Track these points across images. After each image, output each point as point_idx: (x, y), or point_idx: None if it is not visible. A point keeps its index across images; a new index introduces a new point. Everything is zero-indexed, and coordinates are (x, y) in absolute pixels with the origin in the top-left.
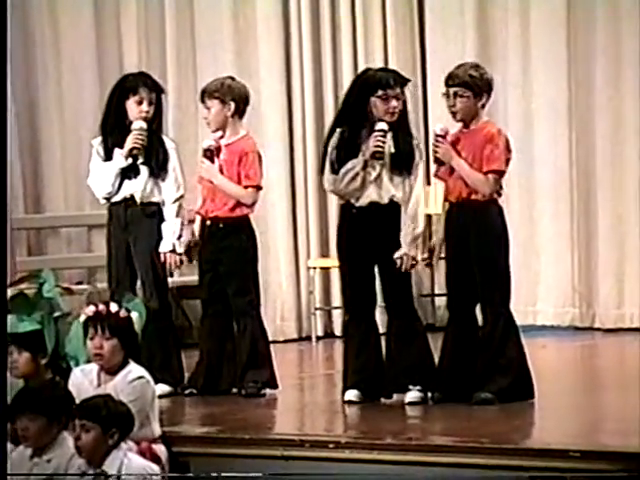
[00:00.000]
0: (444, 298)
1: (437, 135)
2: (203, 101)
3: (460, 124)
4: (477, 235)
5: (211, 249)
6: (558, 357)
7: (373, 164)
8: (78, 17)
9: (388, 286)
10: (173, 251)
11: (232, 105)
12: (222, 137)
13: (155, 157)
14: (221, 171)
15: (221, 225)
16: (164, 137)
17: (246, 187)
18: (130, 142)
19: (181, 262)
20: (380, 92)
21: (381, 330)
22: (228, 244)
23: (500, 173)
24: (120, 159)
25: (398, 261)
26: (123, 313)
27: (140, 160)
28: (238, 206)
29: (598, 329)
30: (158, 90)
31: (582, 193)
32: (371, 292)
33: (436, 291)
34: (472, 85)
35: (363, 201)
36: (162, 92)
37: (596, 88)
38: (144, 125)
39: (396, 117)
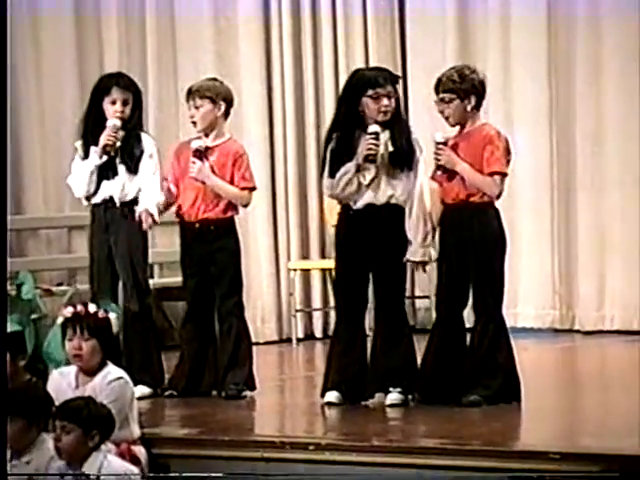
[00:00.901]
0: (425, 300)
1: (438, 143)
2: (191, 100)
3: (457, 128)
4: (474, 237)
5: (201, 252)
6: (538, 359)
7: (367, 167)
8: (59, 19)
9: (381, 288)
10: (151, 215)
11: (222, 106)
12: (207, 138)
13: (131, 155)
14: (212, 172)
15: (212, 227)
16: (143, 135)
17: (243, 188)
18: (103, 139)
19: (154, 223)
20: (370, 91)
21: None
22: (220, 246)
23: (502, 174)
24: (95, 157)
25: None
26: (102, 314)
27: (118, 159)
28: (229, 207)
29: (578, 331)
30: (133, 89)
31: (562, 195)
32: (363, 295)
33: (416, 293)
34: (456, 90)
35: (360, 203)
36: (139, 92)
37: (576, 89)
38: (117, 123)
39: (389, 116)
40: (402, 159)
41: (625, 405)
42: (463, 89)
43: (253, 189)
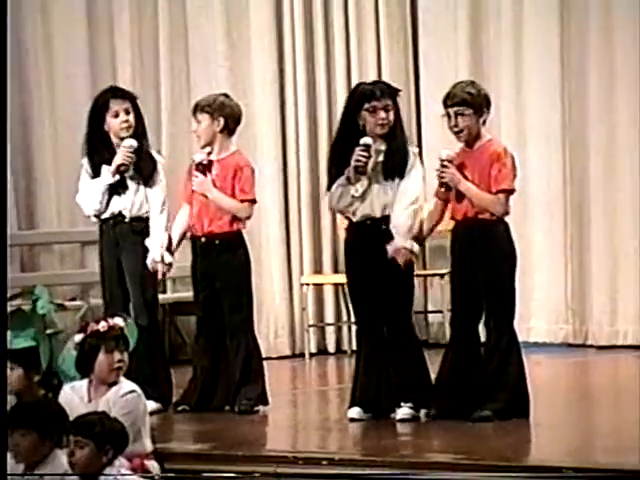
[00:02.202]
0: (437, 315)
1: (443, 160)
2: (195, 115)
3: (462, 144)
4: (484, 254)
5: (206, 266)
6: (551, 374)
7: (358, 179)
8: (71, 32)
9: (387, 302)
10: (162, 261)
11: (221, 121)
12: (211, 152)
13: (142, 170)
14: (214, 185)
15: (217, 241)
16: (151, 151)
17: (242, 201)
18: (119, 159)
19: (169, 269)
20: (367, 105)
21: None
22: (224, 260)
23: (510, 192)
24: (107, 175)
25: (395, 256)
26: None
27: (127, 175)
28: (234, 221)
29: (591, 346)
30: (131, 98)
31: (575, 209)
32: (377, 308)
33: (429, 308)
34: (472, 102)
35: (358, 216)
36: (135, 99)
37: (589, 104)
38: (134, 143)
39: (387, 129)
40: (395, 168)
41: (638, 420)
42: (478, 102)
43: (253, 201)
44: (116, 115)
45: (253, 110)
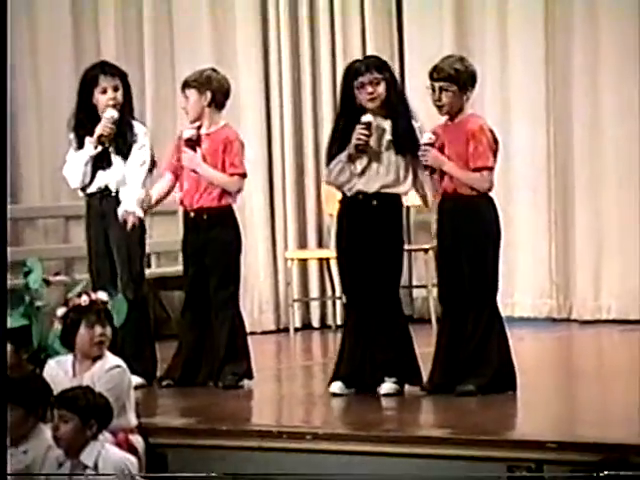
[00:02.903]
0: (422, 290)
1: (425, 144)
2: (183, 91)
3: (445, 117)
4: (466, 228)
5: (196, 241)
6: (535, 349)
7: (359, 157)
8: (55, 9)
9: (374, 278)
10: (133, 213)
11: (208, 95)
12: (200, 127)
13: (125, 143)
14: (204, 160)
15: (205, 216)
16: (135, 123)
17: (232, 175)
18: (99, 129)
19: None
20: (355, 81)
21: None
22: (214, 236)
23: (488, 168)
24: (90, 147)
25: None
26: (110, 304)
27: (111, 149)
28: (223, 195)
29: (575, 321)
30: (120, 75)
31: (559, 185)
32: (365, 283)
33: (413, 282)
34: (457, 79)
35: (352, 191)
36: (125, 76)
37: (574, 80)
38: (115, 114)
39: (378, 103)
40: (403, 147)
41: (622, 394)
42: (464, 79)
43: (243, 175)
44: (104, 91)
45: (238, 85)
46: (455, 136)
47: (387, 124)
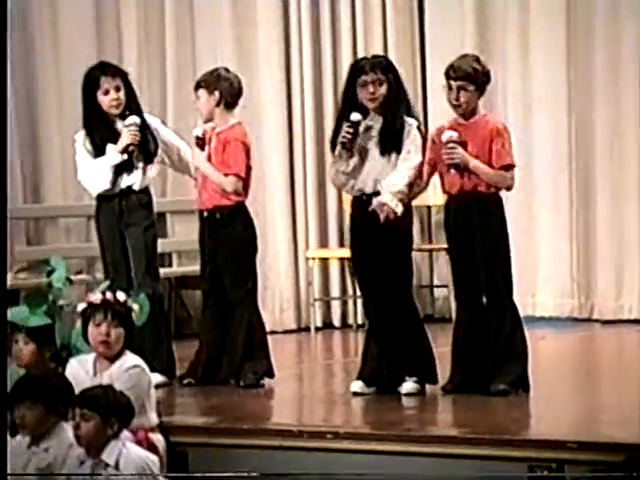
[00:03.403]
0: (443, 289)
1: (450, 141)
2: (195, 91)
3: (458, 116)
4: (480, 226)
5: (210, 239)
6: (557, 348)
7: (345, 155)
8: (78, 9)
9: (386, 278)
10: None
11: (216, 95)
12: (215, 127)
13: (147, 145)
14: (210, 159)
15: (218, 215)
16: (146, 116)
17: (226, 175)
18: (126, 138)
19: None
20: (358, 80)
21: None
22: (226, 233)
23: (513, 167)
24: (113, 156)
25: (377, 209)
26: (129, 303)
27: (134, 153)
28: (229, 194)
29: (597, 320)
30: (120, 75)
31: (581, 184)
32: (379, 283)
33: (435, 282)
34: (476, 78)
35: (354, 191)
36: (126, 75)
37: (596, 78)
38: (137, 120)
39: (378, 103)
40: (391, 143)
41: None
42: (481, 79)
43: (237, 175)
44: (106, 92)
45: (259, 83)
46: (475, 134)
47: (377, 122)
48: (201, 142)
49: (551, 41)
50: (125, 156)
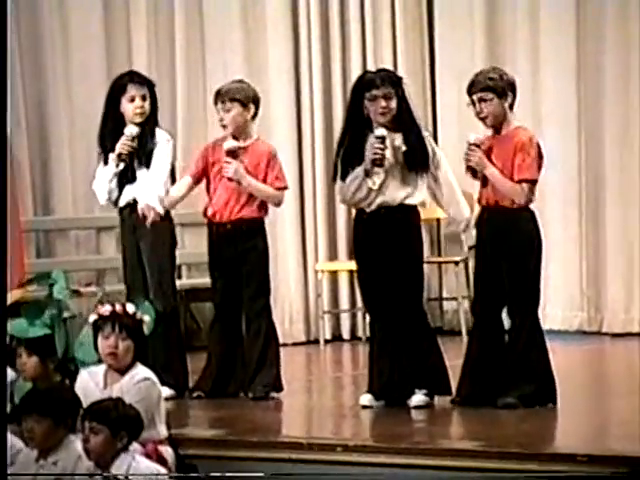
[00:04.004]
0: (452, 302)
1: (471, 144)
2: (221, 102)
3: (491, 130)
4: (509, 241)
5: (231, 252)
6: (566, 362)
7: (376, 172)
8: (88, 19)
9: (399, 290)
10: (154, 209)
11: (252, 108)
12: (237, 140)
13: (147, 156)
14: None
15: (244, 227)
16: (157, 130)
17: (278, 188)
18: (118, 147)
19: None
20: (367, 94)
21: None
22: (251, 245)
23: (533, 182)
24: (111, 164)
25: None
26: (139, 315)
27: (136, 163)
28: (262, 208)
29: (606, 334)
30: (149, 85)
31: (591, 197)
32: (388, 296)
33: (444, 295)
34: (494, 87)
35: (373, 206)
36: (153, 86)
37: (605, 92)
38: (134, 131)
39: (389, 117)
40: (415, 160)
41: None
42: (501, 87)
43: (286, 188)
44: (132, 100)
45: (268, 97)
46: (503, 146)
47: (399, 138)
48: (233, 155)
49: (561, 56)
50: (121, 165)
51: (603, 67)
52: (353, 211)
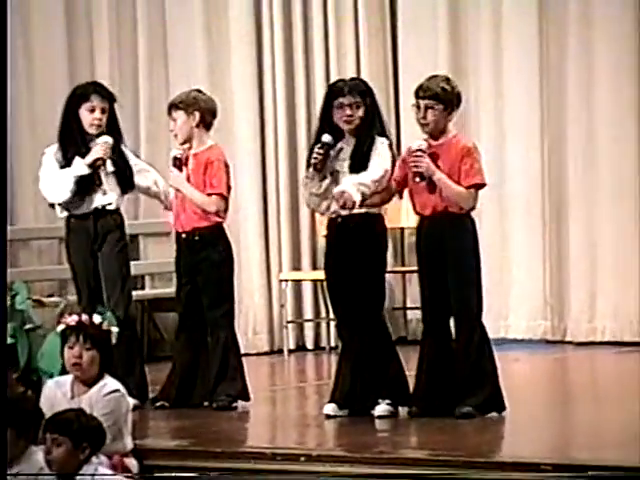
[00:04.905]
0: (416, 311)
1: (417, 150)
2: (170, 113)
3: (426, 136)
4: (451, 248)
5: (188, 261)
6: (530, 370)
7: (315, 176)
8: (50, 30)
9: (358, 299)
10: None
11: (197, 116)
12: (190, 148)
13: (121, 169)
14: (188, 180)
15: (197, 237)
16: (125, 150)
17: (209, 195)
18: (95, 152)
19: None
20: (335, 101)
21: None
22: (205, 255)
23: (482, 186)
24: (79, 167)
25: (337, 197)
26: (105, 325)
27: (104, 171)
28: (209, 215)
29: (570, 342)
30: (111, 99)
31: (554, 206)
32: (353, 305)
33: (408, 304)
34: (444, 98)
35: (328, 213)
36: (114, 101)
37: (568, 100)
38: (110, 140)
39: (354, 125)
40: (360, 164)
41: (616, 416)
42: (450, 99)
43: (221, 195)
44: (92, 110)
45: (232, 107)
46: (447, 153)
47: (350, 145)
48: (179, 163)
49: (523, 62)
50: (90, 170)
51: (565, 78)
52: (317, 220)
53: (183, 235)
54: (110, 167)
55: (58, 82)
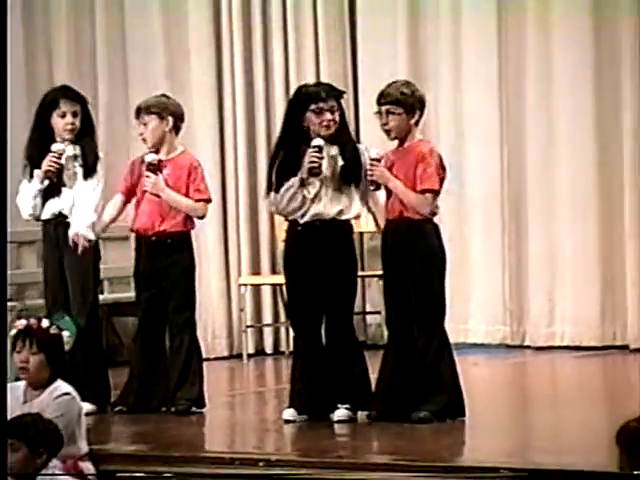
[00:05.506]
0: (375, 316)
1: (372, 159)
2: (139, 117)
3: (394, 143)
4: (412, 253)
5: (155, 265)
6: (489, 375)
7: (312, 181)
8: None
9: (329, 304)
10: (84, 237)
11: (170, 120)
12: (158, 152)
13: (86, 166)
14: (166, 185)
15: (169, 241)
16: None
17: (198, 200)
18: (45, 165)
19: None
20: (313, 106)
21: None
22: (175, 260)
23: (435, 192)
24: (37, 180)
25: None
26: (53, 330)
27: (67, 174)
28: (187, 221)
29: (529, 347)
30: (82, 101)
31: (513, 211)
32: (316, 310)
33: (367, 309)
34: (404, 102)
35: (307, 217)
36: (86, 103)
37: (527, 105)
38: (61, 148)
39: (332, 130)
40: (351, 174)
41: (575, 421)
42: (411, 103)
43: (208, 201)
44: (63, 115)
45: (191, 112)
46: (404, 158)
47: (335, 150)
48: (153, 168)
49: (483, 68)
50: (45, 182)
51: (525, 82)
52: (277, 225)
53: (152, 238)
54: (78, 169)
55: (15, 88)
